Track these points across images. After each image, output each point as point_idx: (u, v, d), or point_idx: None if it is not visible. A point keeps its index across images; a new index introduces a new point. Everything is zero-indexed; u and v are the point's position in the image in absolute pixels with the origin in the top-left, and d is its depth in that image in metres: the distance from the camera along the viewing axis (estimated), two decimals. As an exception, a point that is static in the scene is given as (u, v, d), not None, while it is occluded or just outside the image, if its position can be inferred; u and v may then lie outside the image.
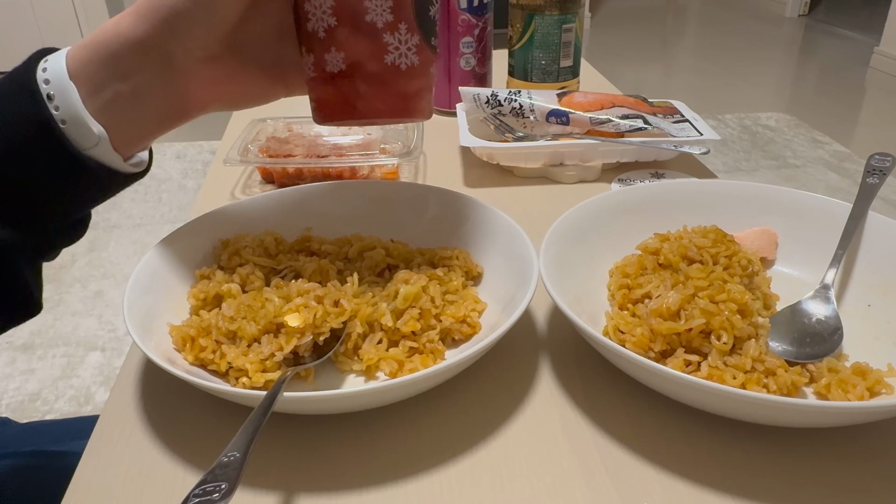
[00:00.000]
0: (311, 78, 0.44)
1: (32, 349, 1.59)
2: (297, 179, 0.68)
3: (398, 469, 0.38)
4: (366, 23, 0.41)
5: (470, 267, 0.50)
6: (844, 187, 2.31)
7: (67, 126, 0.39)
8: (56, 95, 0.38)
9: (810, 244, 0.52)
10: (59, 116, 0.38)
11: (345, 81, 0.43)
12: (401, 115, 0.45)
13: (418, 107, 0.45)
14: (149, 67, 0.40)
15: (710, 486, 0.36)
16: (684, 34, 4.51)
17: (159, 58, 0.40)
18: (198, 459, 0.38)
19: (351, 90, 0.43)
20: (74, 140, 0.39)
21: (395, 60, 0.42)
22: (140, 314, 0.42)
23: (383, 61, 0.42)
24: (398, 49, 0.42)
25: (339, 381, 0.44)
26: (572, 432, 0.40)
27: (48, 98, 0.38)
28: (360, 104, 0.43)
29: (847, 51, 3.85)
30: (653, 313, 0.43)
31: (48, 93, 0.38)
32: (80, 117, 0.39)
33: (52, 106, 0.38)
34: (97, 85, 0.39)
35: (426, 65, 0.44)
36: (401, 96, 0.44)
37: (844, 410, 0.36)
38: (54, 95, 0.38)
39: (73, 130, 0.39)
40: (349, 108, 0.43)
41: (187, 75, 0.41)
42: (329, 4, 0.41)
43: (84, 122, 0.39)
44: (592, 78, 1.03)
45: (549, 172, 0.70)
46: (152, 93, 0.41)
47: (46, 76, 0.39)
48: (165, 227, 2.05)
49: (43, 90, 0.38)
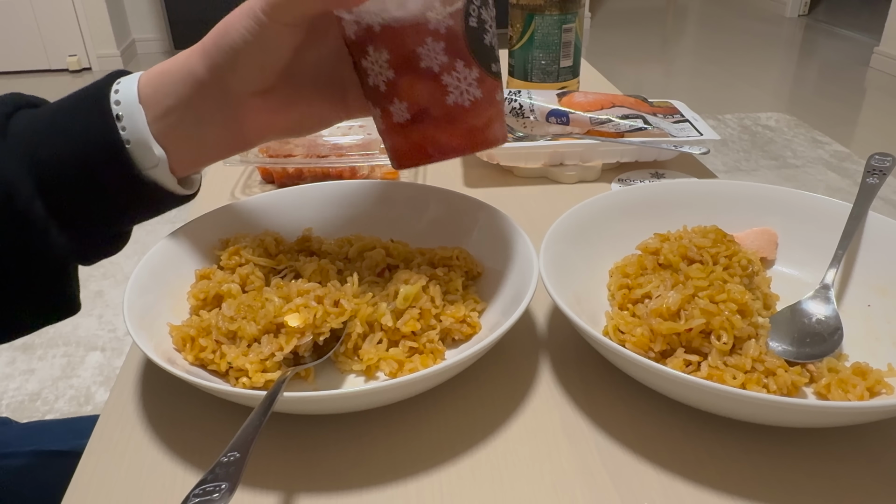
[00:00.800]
0: (382, 129, 0.45)
1: (32, 349, 1.59)
2: (297, 179, 0.68)
3: (398, 469, 0.38)
4: (423, 69, 0.41)
5: (470, 267, 0.50)
6: (844, 187, 2.31)
7: (132, 146, 0.42)
8: (125, 117, 0.41)
9: (810, 244, 0.52)
10: (126, 137, 0.41)
11: (414, 128, 0.43)
12: (475, 148, 0.45)
13: (491, 137, 0.45)
14: (210, 99, 0.42)
15: (710, 486, 0.36)
16: (684, 34, 4.51)
17: (219, 91, 0.42)
18: (198, 459, 0.39)
19: (421, 135, 0.43)
20: (137, 160, 0.42)
21: (457, 100, 0.42)
22: (140, 314, 0.42)
23: (446, 103, 0.42)
24: (459, 87, 0.42)
25: (339, 381, 0.44)
26: (572, 432, 0.40)
27: (117, 118, 0.41)
28: (431, 148, 0.44)
29: (847, 51, 3.84)
30: (653, 313, 0.43)
31: (118, 113, 0.41)
32: (145, 140, 0.42)
33: (120, 126, 0.41)
34: (163, 111, 0.42)
35: (491, 94, 0.44)
36: (471, 130, 0.44)
37: (844, 410, 0.36)
38: (123, 117, 0.41)
39: (136, 151, 0.42)
40: (423, 152, 0.44)
41: (245, 107, 0.43)
42: (385, 59, 0.41)
43: (147, 144, 0.42)
44: (592, 78, 1.03)
45: (549, 172, 0.70)
46: (212, 122, 0.43)
47: (118, 97, 0.41)
48: (165, 227, 2.05)
49: (113, 111, 0.41)
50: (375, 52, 0.41)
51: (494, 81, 0.44)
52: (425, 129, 0.43)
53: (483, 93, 0.43)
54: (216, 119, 0.43)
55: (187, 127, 0.43)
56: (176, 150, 0.43)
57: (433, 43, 0.41)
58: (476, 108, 0.43)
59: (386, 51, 0.41)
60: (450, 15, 0.41)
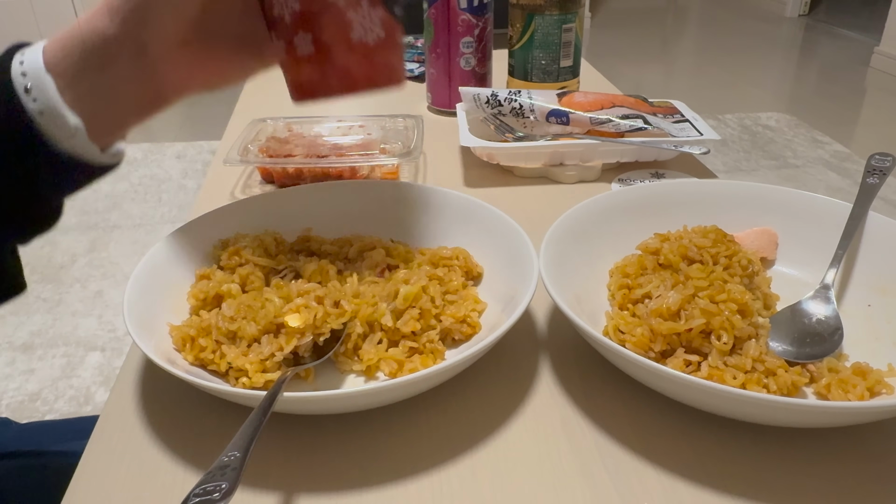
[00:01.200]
0: (283, 61, 0.45)
1: (32, 349, 1.59)
2: (297, 179, 0.68)
3: (398, 469, 0.38)
4: (329, 3, 0.43)
5: (470, 267, 0.50)
6: (844, 187, 2.31)
7: (44, 117, 0.39)
8: (34, 88, 0.39)
9: (810, 244, 0.52)
10: (37, 108, 0.39)
11: (316, 61, 0.44)
12: (374, 85, 0.46)
13: (390, 75, 0.46)
14: (123, 58, 0.41)
15: (710, 486, 0.36)
16: (684, 34, 4.51)
17: (133, 48, 0.40)
18: (198, 459, 0.38)
19: (323, 69, 0.44)
20: (51, 132, 0.40)
21: (362, 36, 0.44)
22: (140, 314, 0.42)
23: (350, 38, 0.44)
24: (363, 24, 0.44)
25: (339, 381, 0.44)
26: (572, 432, 0.40)
27: (26, 90, 0.39)
28: (333, 81, 0.45)
29: (847, 51, 3.84)
30: (653, 313, 0.43)
31: (26, 85, 0.39)
32: (58, 109, 0.39)
33: (30, 98, 0.39)
34: (73, 77, 0.40)
35: (392, 34, 0.45)
36: (371, 68, 0.45)
37: (844, 410, 0.36)
38: (32, 88, 0.39)
39: (49, 122, 0.39)
40: (324, 85, 0.45)
41: (161, 62, 0.42)
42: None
43: (61, 113, 0.39)
44: (592, 78, 1.03)
45: (549, 172, 0.70)
46: (128, 81, 0.42)
47: (24, 69, 0.39)
48: (165, 227, 2.05)
49: (20, 83, 0.39)
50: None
51: (396, 24, 0.45)
52: (328, 62, 0.44)
53: (386, 33, 0.45)
54: (132, 77, 0.42)
55: (102, 90, 0.41)
56: (93, 117, 0.41)
57: None
58: (378, 45, 0.45)
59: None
60: None
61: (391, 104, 0.88)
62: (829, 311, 0.46)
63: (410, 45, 1.09)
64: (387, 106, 0.87)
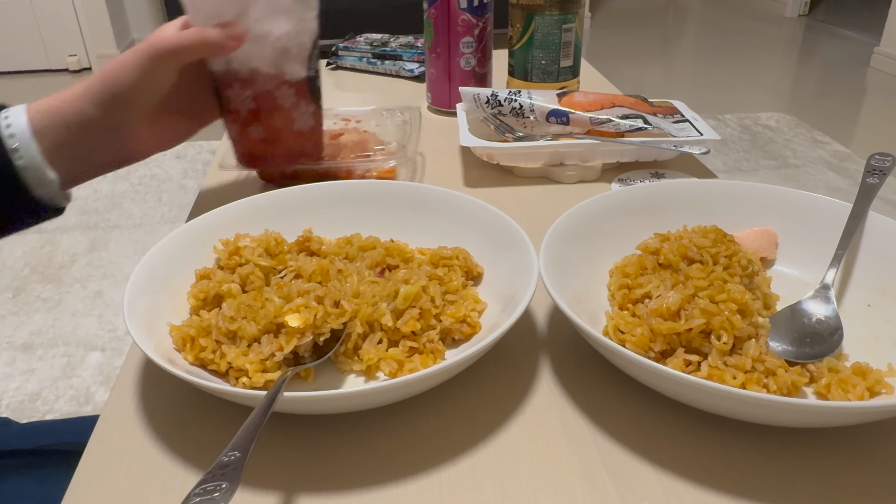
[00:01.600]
0: (236, 141, 0.60)
1: (32, 349, 1.59)
2: (297, 179, 0.68)
3: (398, 469, 0.38)
4: (278, 105, 0.57)
5: (470, 267, 0.50)
6: (844, 187, 2.31)
7: (28, 172, 0.48)
8: (21, 148, 0.48)
9: (810, 244, 0.52)
10: (22, 164, 0.48)
11: (263, 142, 0.59)
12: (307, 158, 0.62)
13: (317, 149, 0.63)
14: (101, 134, 0.51)
15: (710, 486, 0.36)
16: (684, 34, 4.51)
17: (110, 126, 0.51)
18: (198, 459, 0.39)
19: (268, 149, 0.60)
20: (29, 182, 0.49)
21: (301, 126, 0.59)
22: (140, 314, 0.42)
23: (292, 129, 0.59)
24: (301, 118, 0.59)
25: (339, 381, 0.44)
26: (572, 432, 0.40)
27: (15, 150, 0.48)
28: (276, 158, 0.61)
29: (847, 51, 3.84)
30: (653, 313, 0.43)
31: (15, 146, 0.48)
32: (40, 167, 0.49)
33: (17, 156, 0.48)
34: (56, 143, 0.49)
35: (319, 121, 0.61)
36: (304, 145, 0.61)
37: (844, 410, 0.36)
38: (19, 148, 0.48)
39: (30, 175, 0.48)
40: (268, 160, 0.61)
41: (131, 135, 0.53)
42: (248, 94, 0.56)
43: (42, 170, 0.49)
44: (592, 78, 1.03)
45: (549, 172, 0.70)
46: (103, 151, 0.52)
47: (11, 131, 0.48)
48: (165, 227, 2.05)
49: (9, 143, 0.48)
50: (241, 89, 0.56)
51: (321, 112, 0.62)
52: (272, 146, 0.59)
53: (315, 121, 0.61)
54: (106, 148, 0.52)
55: (80, 155, 0.51)
56: (68, 173, 0.50)
57: (287, 89, 0.56)
58: (310, 130, 0.60)
59: (250, 89, 0.55)
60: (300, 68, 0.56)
61: (391, 104, 0.88)
62: (828, 310, 0.46)
63: (410, 45, 1.09)
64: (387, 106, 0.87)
